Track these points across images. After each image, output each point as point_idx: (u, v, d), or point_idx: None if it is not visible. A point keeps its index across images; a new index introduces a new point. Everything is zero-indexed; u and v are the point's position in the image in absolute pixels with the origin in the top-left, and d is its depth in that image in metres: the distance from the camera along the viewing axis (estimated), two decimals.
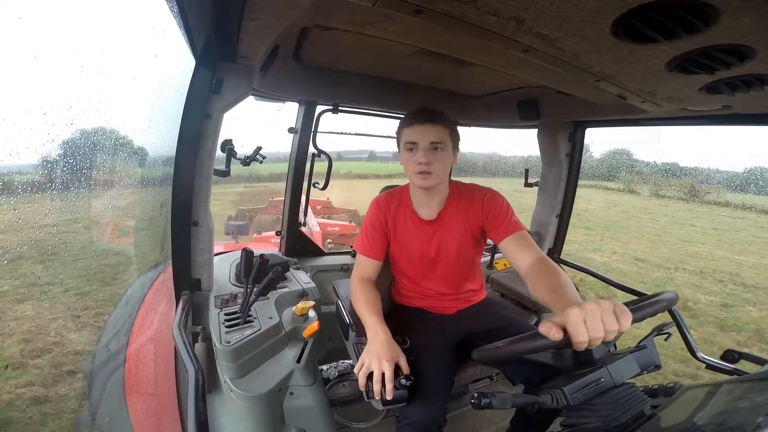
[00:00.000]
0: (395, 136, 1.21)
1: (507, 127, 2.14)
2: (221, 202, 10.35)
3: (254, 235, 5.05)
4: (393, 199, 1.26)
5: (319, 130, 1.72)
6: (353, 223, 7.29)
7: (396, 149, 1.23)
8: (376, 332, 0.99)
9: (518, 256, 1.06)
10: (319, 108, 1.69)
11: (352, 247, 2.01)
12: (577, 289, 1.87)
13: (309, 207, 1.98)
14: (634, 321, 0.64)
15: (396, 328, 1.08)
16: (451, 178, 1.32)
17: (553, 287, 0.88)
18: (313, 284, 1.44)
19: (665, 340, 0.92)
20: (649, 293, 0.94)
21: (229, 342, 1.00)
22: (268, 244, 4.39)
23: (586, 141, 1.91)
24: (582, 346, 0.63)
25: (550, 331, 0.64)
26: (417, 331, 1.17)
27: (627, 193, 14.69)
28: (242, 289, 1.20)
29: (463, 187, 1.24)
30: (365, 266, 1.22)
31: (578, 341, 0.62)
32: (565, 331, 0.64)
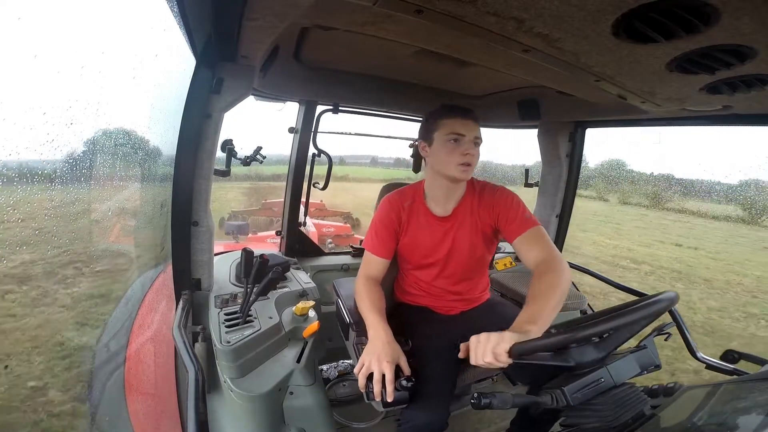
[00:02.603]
0: (420, 131, 1.21)
1: (507, 127, 2.14)
2: (234, 192, 12.97)
3: (249, 234, 5.06)
4: (406, 197, 1.25)
5: (319, 130, 1.72)
6: (348, 225, 7.34)
7: (398, 155, 1.23)
8: (378, 332, 0.98)
9: (526, 256, 1.08)
10: (320, 108, 1.69)
11: (352, 247, 2.02)
12: (577, 289, 1.88)
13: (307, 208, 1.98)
14: (521, 354, 0.73)
15: (398, 328, 1.07)
16: None
17: (532, 296, 0.94)
18: (313, 284, 1.43)
19: (665, 340, 0.92)
20: (649, 293, 0.94)
21: (229, 342, 1.00)
22: (264, 244, 4.40)
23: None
24: (481, 366, 0.79)
25: (462, 349, 0.84)
26: (419, 332, 1.17)
27: (597, 200, 15.40)
28: (242, 289, 1.19)
29: (477, 184, 1.24)
30: (373, 264, 1.22)
31: (471, 362, 0.80)
32: None
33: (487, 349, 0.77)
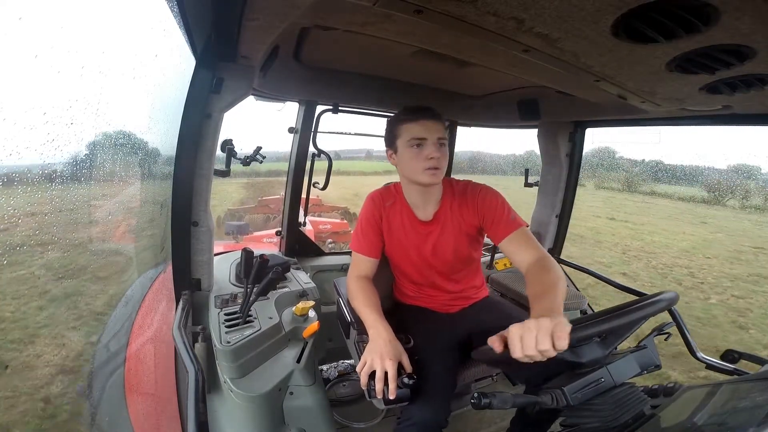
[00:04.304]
0: (384, 137, 1.19)
1: (507, 127, 2.14)
2: (234, 186, 13.86)
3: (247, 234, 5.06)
4: (388, 196, 1.24)
5: (319, 130, 1.72)
6: (345, 221, 7.31)
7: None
8: (378, 330, 0.98)
9: (517, 257, 1.06)
10: (320, 108, 1.69)
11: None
12: (578, 289, 1.88)
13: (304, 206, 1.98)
14: (578, 340, 0.66)
15: (398, 327, 1.07)
16: None
17: (538, 292, 0.91)
18: (313, 284, 1.44)
19: (665, 339, 0.92)
20: (648, 293, 0.94)
21: (229, 342, 1.00)
22: (260, 244, 4.37)
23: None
24: (522, 360, 0.67)
25: (494, 343, 0.71)
26: (420, 330, 1.16)
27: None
28: (242, 289, 1.20)
29: (456, 185, 1.22)
30: (362, 264, 1.21)
31: (514, 356, 0.67)
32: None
33: (545, 337, 0.65)
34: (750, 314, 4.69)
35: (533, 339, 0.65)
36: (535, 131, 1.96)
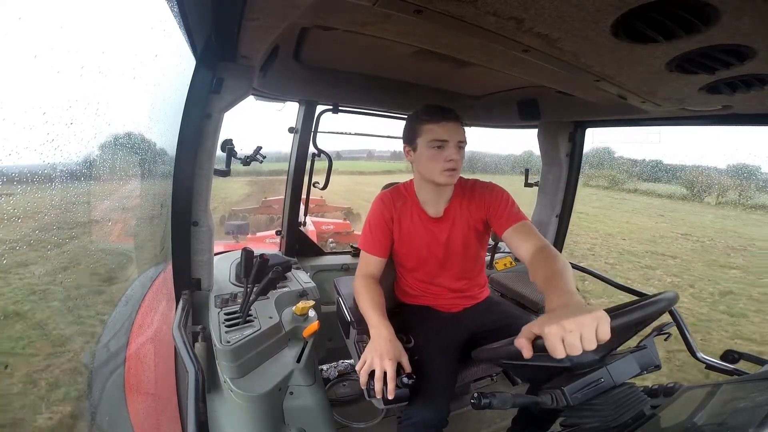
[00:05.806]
0: (403, 134, 1.20)
1: (507, 127, 2.14)
2: (238, 184, 14.45)
3: (248, 235, 5.05)
4: (398, 196, 1.25)
5: (319, 130, 1.72)
6: (348, 221, 7.31)
7: (396, 148, 1.22)
8: (380, 330, 0.98)
9: (520, 246, 1.06)
10: (320, 108, 1.69)
11: (352, 246, 2.02)
12: (577, 289, 1.88)
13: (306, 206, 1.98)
14: (618, 328, 0.63)
15: (400, 327, 1.07)
16: None
17: (549, 276, 0.87)
18: (313, 284, 1.44)
19: (665, 340, 0.92)
20: (649, 294, 0.94)
21: (229, 342, 1.00)
22: (263, 244, 4.38)
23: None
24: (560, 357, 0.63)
25: (523, 348, 0.66)
26: (421, 330, 1.17)
27: None
28: (242, 289, 1.20)
29: (464, 183, 1.24)
30: (370, 264, 1.22)
31: (556, 356, 0.62)
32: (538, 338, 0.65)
33: (590, 335, 0.61)
34: (604, 274, 5.10)
35: (577, 339, 0.61)
36: (534, 131, 1.96)
